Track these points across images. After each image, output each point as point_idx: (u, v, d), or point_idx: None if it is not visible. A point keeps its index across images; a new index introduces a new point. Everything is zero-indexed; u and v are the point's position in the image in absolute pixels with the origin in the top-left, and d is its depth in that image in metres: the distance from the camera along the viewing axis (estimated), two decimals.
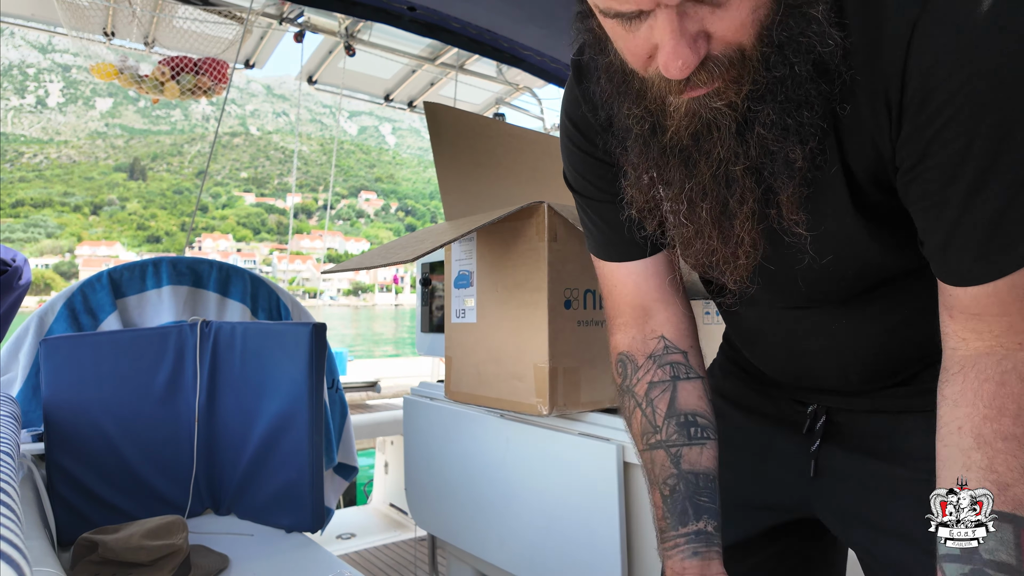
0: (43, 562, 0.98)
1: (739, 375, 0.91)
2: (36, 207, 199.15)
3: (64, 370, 1.61)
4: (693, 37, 0.49)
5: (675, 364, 0.76)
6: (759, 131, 0.54)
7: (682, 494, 0.71)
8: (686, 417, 0.74)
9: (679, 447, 0.73)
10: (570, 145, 0.76)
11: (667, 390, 0.75)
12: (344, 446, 2.12)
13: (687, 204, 0.60)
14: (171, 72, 2.55)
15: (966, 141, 0.50)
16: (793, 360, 0.80)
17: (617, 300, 0.79)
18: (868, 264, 0.64)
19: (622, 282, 0.78)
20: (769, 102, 0.53)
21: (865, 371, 0.74)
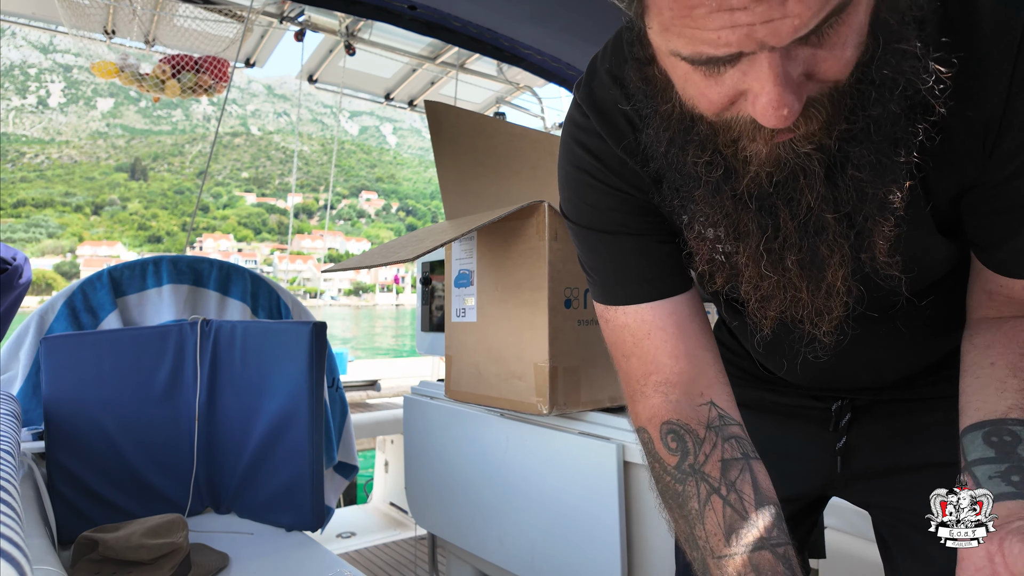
0: (43, 560, 0.98)
1: (740, 376, 0.88)
2: (37, 207, 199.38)
3: (64, 369, 1.61)
4: (797, 82, 0.44)
5: (739, 439, 0.64)
6: (853, 174, 0.49)
7: None
8: (777, 509, 0.61)
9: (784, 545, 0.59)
10: (585, 177, 0.66)
11: (743, 467, 0.62)
12: (344, 445, 2.12)
13: (767, 256, 0.54)
14: (172, 70, 2.55)
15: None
16: (822, 370, 0.75)
17: (652, 352, 0.65)
18: (935, 276, 0.63)
19: (660, 327, 0.65)
20: (864, 143, 0.49)
21: (901, 369, 0.74)
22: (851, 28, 0.44)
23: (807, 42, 0.43)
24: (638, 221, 0.65)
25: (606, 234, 0.67)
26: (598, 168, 0.65)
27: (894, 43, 0.47)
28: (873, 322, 0.68)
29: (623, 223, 0.66)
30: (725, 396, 0.66)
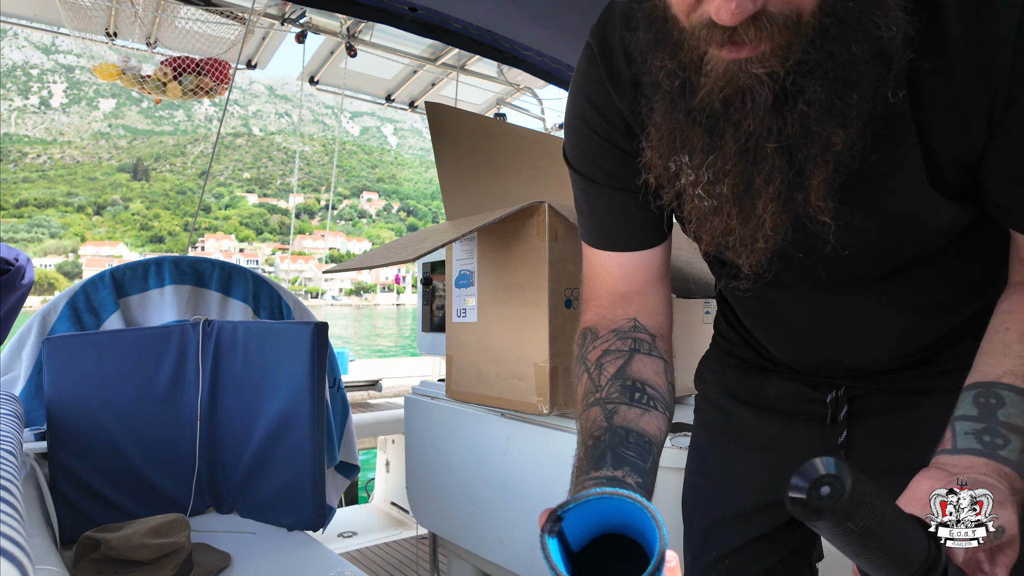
0: (45, 560, 0.99)
1: (740, 366, 0.88)
2: (40, 207, 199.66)
3: (67, 369, 1.61)
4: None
5: (638, 340, 0.71)
6: (801, 107, 0.50)
7: (606, 444, 0.63)
8: (633, 382, 0.68)
9: (616, 404, 0.66)
10: (583, 126, 0.71)
11: (621, 358, 0.69)
12: (345, 445, 2.12)
13: (708, 177, 0.55)
14: (173, 72, 2.56)
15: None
16: (821, 341, 0.76)
17: (597, 286, 0.75)
18: (928, 237, 0.63)
19: (607, 269, 0.75)
20: (818, 78, 0.49)
21: (897, 348, 0.74)
22: None
23: None
24: (623, 177, 0.69)
25: (592, 183, 0.72)
26: (597, 120, 0.69)
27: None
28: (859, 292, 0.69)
29: (610, 175, 0.71)
30: (647, 316, 0.73)
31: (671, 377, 0.72)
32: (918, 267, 0.67)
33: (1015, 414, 0.55)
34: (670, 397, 0.70)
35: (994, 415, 0.56)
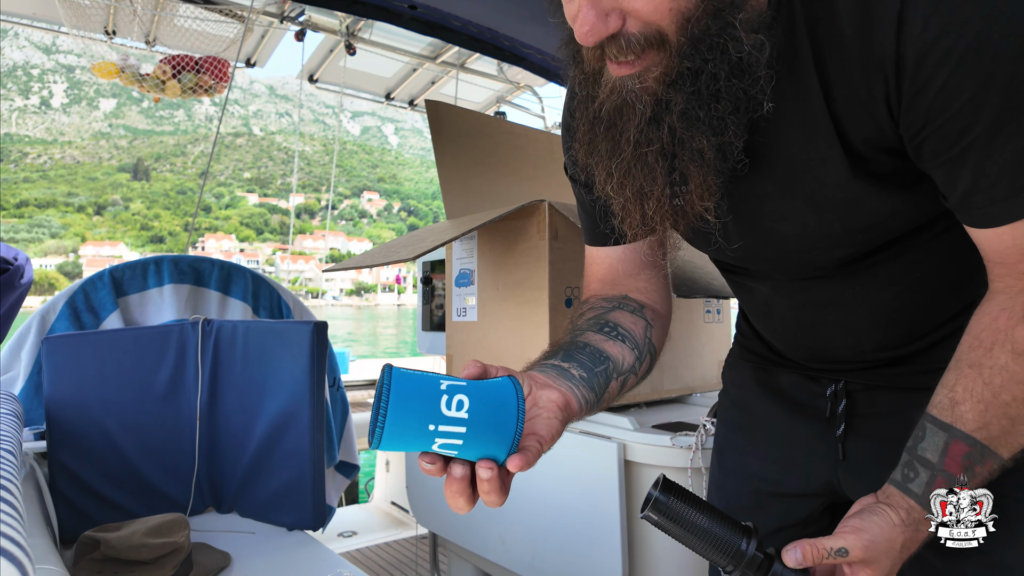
0: (45, 560, 0.99)
1: (752, 360, 0.92)
2: (40, 207, 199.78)
3: (66, 368, 1.61)
4: (605, 10, 0.53)
5: (623, 302, 0.78)
6: (670, 120, 0.57)
7: (561, 347, 0.70)
8: (606, 321, 0.74)
9: (583, 331, 0.73)
10: (565, 134, 0.80)
11: (601, 311, 0.77)
12: (345, 444, 2.12)
13: (614, 178, 0.62)
14: (172, 71, 2.55)
15: (972, 91, 0.50)
16: (806, 332, 0.80)
17: (590, 276, 0.84)
18: (875, 225, 0.65)
19: (598, 262, 0.83)
20: (681, 91, 0.55)
21: (879, 339, 0.75)
22: None
23: None
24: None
25: (576, 184, 0.82)
26: (570, 122, 0.76)
27: (720, 11, 0.53)
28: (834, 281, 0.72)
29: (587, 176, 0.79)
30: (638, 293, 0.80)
31: (652, 336, 0.77)
32: (884, 254, 0.68)
33: (928, 447, 0.60)
34: (644, 344, 0.75)
35: (915, 448, 0.61)
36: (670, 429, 1.33)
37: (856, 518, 0.62)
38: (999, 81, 0.49)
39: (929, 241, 0.67)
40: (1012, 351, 0.57)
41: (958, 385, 0.59)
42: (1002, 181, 0.53)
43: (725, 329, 1.79)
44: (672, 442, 1.27)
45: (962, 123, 0.52)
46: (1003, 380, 0.57)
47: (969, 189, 0.55)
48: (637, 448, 1.29)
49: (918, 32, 0.50)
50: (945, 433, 0.59)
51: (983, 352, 0.58)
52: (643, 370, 0.75)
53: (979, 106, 0.50)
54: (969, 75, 0.50)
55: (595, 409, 0.67)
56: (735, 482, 0.91)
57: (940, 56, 0.50)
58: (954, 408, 0.59)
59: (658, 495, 0.59)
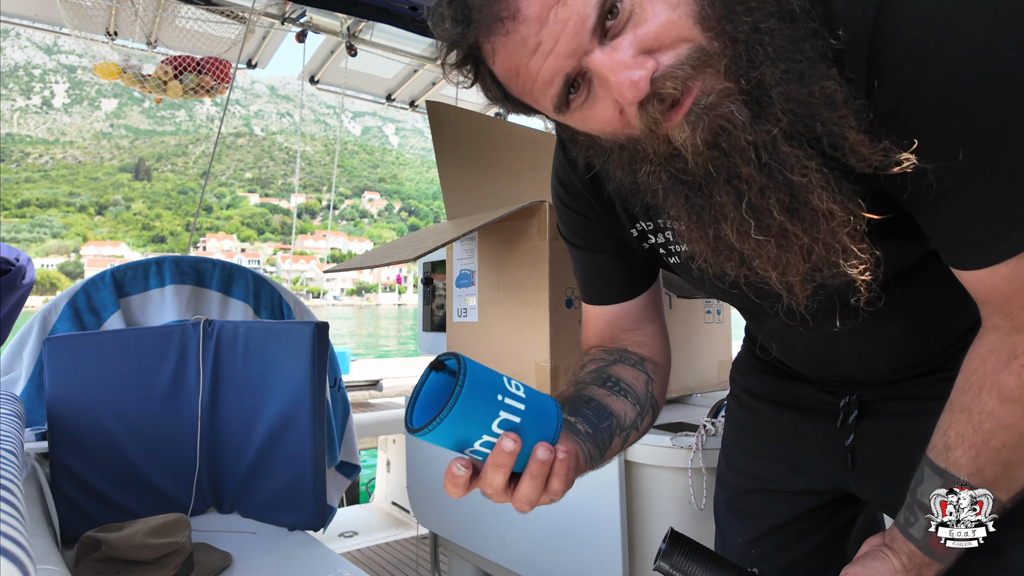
0: (47, 560, 0.99)
1: (764, 369, 0.92)
2: (42, 207, 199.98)
3: (67, 369, 1.61)
4: (633, 58, 0.49)
5: (624, 355, 0.78)
6: (778, 90, 0.49)
7: (567, 400, 0.70)
8: (608, 375, 0.74)
9: (587, 385, 0.73)
10: (558, 202, 0.82)
11: (602, 363, 0.77)
12: (346, 444, 2.12)
13: (753, 216, 0.53)
14: (174, 71, 2.55)
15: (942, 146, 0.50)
16: (821, 359, 0.80)
17: (589, 332, 0.85)
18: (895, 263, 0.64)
19: (595, 318, 0.84)
20: (765, 62, 0.49)
21: (894, 363, 0.75)
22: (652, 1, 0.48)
23: (614, 34, 0.49)
24: (595, 240, 0.80)
25: (573, 247, 0.84)
26: (565, 195, 0.79)
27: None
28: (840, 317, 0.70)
29: (583, 239, 0.81)
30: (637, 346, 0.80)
31: (653, 389, 0.77)
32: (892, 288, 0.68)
33: (926, 492, 0.60)
34: (646, 399, 0.75)
35: (914, 492, 0.62)
36: (670, 430, 1.33)
37: (858, 565, 0.63)
38: (969, 132, 0.49)
39: (937, 268, 0.66)
40: (999, 397, 0.57)
41: (951, 430, 0.60)
42: (975, 228, 0.53)
43: (725, 330, 1.79)
44: (672, 442, 1.27)
45: (936, 173, 0.52)
46: (992, 426, 0.57)
47: (945, 234, 0.55)
48: (637, 448, 1.29)
49: (887, 90, 0.50)
50: (940, 478, 0.60)
51: (973, 396, 0.58)
52: (644, 425, 0.75)
53: (948, 158, 0.50)
54: (939, 128, 0.50)
55: (597, 464, 0.67)
56: (742, 483, 0.92)
57: (909, 111, 0.50)
58: (948, 453, 0.59)
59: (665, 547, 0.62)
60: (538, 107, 0.57)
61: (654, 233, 0.74)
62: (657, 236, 0.74)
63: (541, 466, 0.53)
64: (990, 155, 0.50)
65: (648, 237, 0.75)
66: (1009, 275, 0.53)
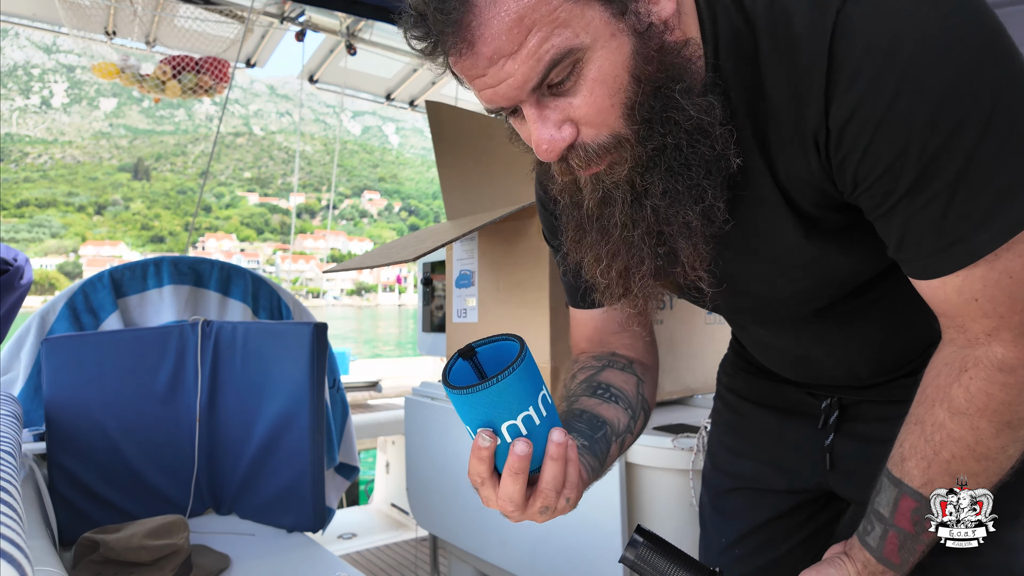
0: (44, 561, 0.98)
1: (749, 370, 0.94)
2: (40, 207, 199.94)
3: (65, 370, 1.61)
4: (558, 124, 0.55)
5: (613, 359, 0.80)
6: (652, 202, 0.58)
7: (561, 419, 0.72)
8: (599, 383, 0.76)
9: (578, 396, 0.75)
10: (540, 207, 0.84)
11: (592, 371, 0.78)
12: (345, 446, 2.11)
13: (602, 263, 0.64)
14: (172, 71, 2.55)
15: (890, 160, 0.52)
16: (800, 364, 0.82)
17: (577, 337, 0.86)
18: (841, 277, 0.67)
19: (582, 323, 0.84)
20: (654, 172, 0.57)
21: (873, 367, 0.76)
22: (593, 80, 0.53)
23: (554, 93, 0.54)
24: None
25: (555, 251, 0.84)
26: (544, 198, 0.81)
27: (657, 88, 0.55)
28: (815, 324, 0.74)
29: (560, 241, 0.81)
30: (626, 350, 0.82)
31: (644, 391, 0.78)
32: (861, 299, 0.70)
33: (882, 501, 0.63)
34: (637, 403, 0.76)
35: (873, 501, 0.64)
36: (671, 431, 1.33)
37: (813, 570, 0.65)
38: (914, 149, 0.51)
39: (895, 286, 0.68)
40: (948, 409, 0.58)
41: (906, 441, 0.61)
42: (927, 239, 0.54)
43: (726, 331, 1.78)
44: (673, 444, 1.26)
45: (885, 187, 0.54)
46: (942, 438, 0.58)
47: (899, 245, 0.57)
48: (638, 450, 1.29)
49: (839, 108, 0.53)
50: (896, 488, 0.61)
51: (926, 409, 0.60)
52: (638, 428, 0.77)
53: (897, 173, 0.52)
54: (885, 145, 0.52)
55: (600, 474, 0.69)
56: (725, 481, 0.94)
57: (858, 128, 0.52)
58: (903, 464, 0.61)
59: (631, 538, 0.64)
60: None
61: None
62: None
63: (558, 448, 0.54)
64: (935, 172, 0.51)
65: None
66: (959, 287, 0.55)
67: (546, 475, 0.55)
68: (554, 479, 0.55)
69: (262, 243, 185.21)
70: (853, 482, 0.81)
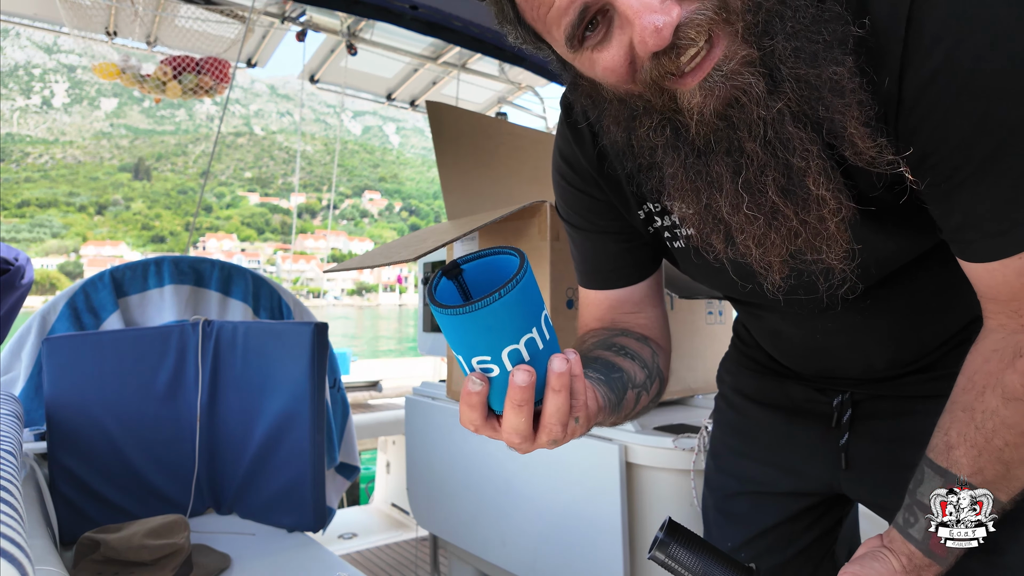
0: (45, 561, 0.98)
1: (754, 368, 0.91)
2: (41, 207, 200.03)
3: (66, 369, 1.61)
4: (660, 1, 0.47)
5: (626, 330, 0.76)
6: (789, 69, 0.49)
7: None
8: (614, 343, 0.71)
9: (593, 350, 0.70)
10: (561, 181, 0.78)
11: (605, 335, 0.74)
12: (346, 446, 2.11)
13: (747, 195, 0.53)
14: (173, 71, 2.55)
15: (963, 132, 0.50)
16: (816, 355, 0.80)
17: (587, 317, 0.81)
18: (884, 260, 0.64)
19: (596, 303, 0.80)
20: (780, 34, 0.49)
21: (889, 359, 0.75)
22: None
23: None
24: (600, 221, 0.76)
25: (574, 228, 0.79)
26: (568, 173, 0.76)
27: None
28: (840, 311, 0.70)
29: (587, 220, 0.77)
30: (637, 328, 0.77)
31: (659, 362, 0.75)
32: (893, 284, 0.68)
33: (925, 492, 0.60)
34: (653, 367, 0.73)
35: (914, 493, 0.61)
36: (672, 431, 1.32)
37: (857, 564, 0.62)
38: (992, 120, 0.49)
39: (938, 264, 0.66)
40: (1002, 396, 0.56)
41: (952, 429, 0.59)
42: (992, 218, 0.53)
43: (727, 331, 1.79)
44: (674, 444, 1.26)
45: (956, 160, 0.52)
46: (994, 425, 0.56)
47: (961, 224, 0.55)
48: (639, 450, 1.29)
49: (915, 76, 0.50)
50: (941, 478, 0.59)
51: (975, 395, 0.58)
52: (654, 391, 0.73)
53: (971, 144, 0.50)
54: (963, 115, 0.50)
55: (617, 413, 0.64)
56: (731, 484, 0.92)
57: (936, 96, 0.50)
58: (949, 453, 0.59)
59: (662, 537, 0.60)
60: (548, 38, 0.54)
61: (660, 215, 0.72)
62: (663, 219, 0.72)
63: (560, 377, 0.48)
64: (1011, 146, 0.49)
65: (654, 219, 0.73)
66: (1020, 269, 0.53)
67: (548, 408, 0.49)
68: (558, 411, 0.49)
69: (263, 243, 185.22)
70: (867, 483, 0.80)
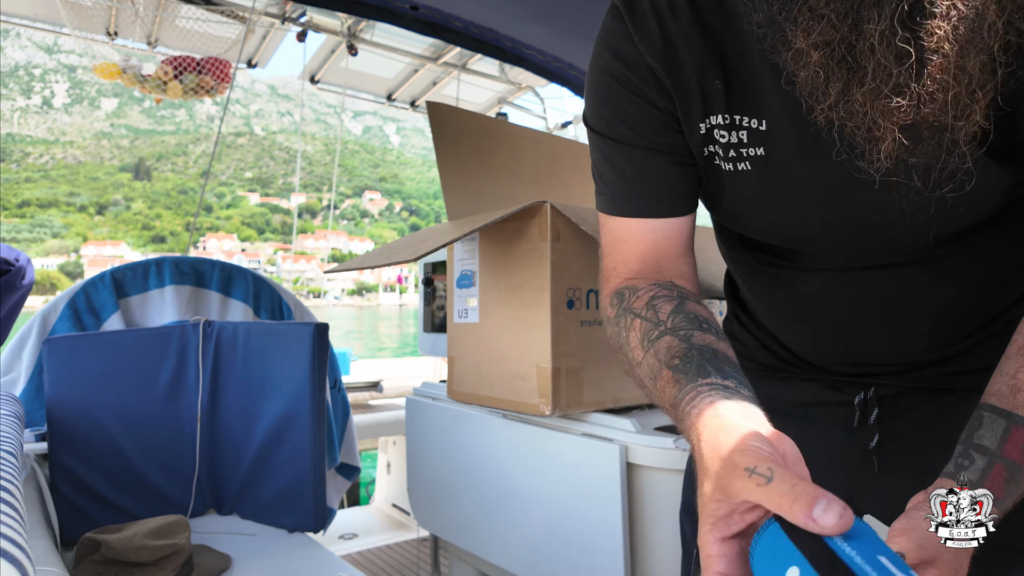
0: (46, 561, 0.98)
1: (756, 371, 0.84)
2: (42, 207, 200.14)
3: (67, 370, 1.61)
4: None
5: (683, 292, 0.66)
6: None
7: (696, 359, 0.58)
8: (696, 316, 0.63)
9: (689, 330, 0.61)
10: (610, 81, 0.65)
11: (673, 301, 0.64)
12: (346, 446, 2.12)
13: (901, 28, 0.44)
14: (174, 72, 2.55)
15: None
16: (846, 333, 0.73)
17: (624, 254, 0.69)
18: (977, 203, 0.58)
19: (636, 237, 0.68)
20: None
21: (924, 342, 0.71)
22: None
23: None
24: (655, 136, 0.65)
25: (621, 144, 0.67)
26: (624, 74, 0.64)
27: None
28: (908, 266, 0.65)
29: (639, 134, 0.66)
30: (685, 283, 0.68)
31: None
32: (951, 246, 0.63)
33: (986, 435, 0.57)
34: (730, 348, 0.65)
35: (971, 438, 0.58)
36: (672, 431, 1.32)
37: (904, 519, 0.57)
38: None
39: (994, 236, 0.63)
40: None
41: (1020, 373, 0.58)
42: None
43: None
44: (675, 445, 1.26)
45: None
46: None
47: None
48: (639, 450, 1.29)
49: None
50: (1006, 420, 0.57)
51: None
52: None
53: None
54: None
55: None
56: None
57: None
58: (1015, 395, 0.57)
59: None
60: None
61: (728, 130, 0.62)
62: (730, 134, 0.62)
63: None
64: None
65: (715, 137, 0.63)
66: None
67: None
68: None
69: (263, 243, 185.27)
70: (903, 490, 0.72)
